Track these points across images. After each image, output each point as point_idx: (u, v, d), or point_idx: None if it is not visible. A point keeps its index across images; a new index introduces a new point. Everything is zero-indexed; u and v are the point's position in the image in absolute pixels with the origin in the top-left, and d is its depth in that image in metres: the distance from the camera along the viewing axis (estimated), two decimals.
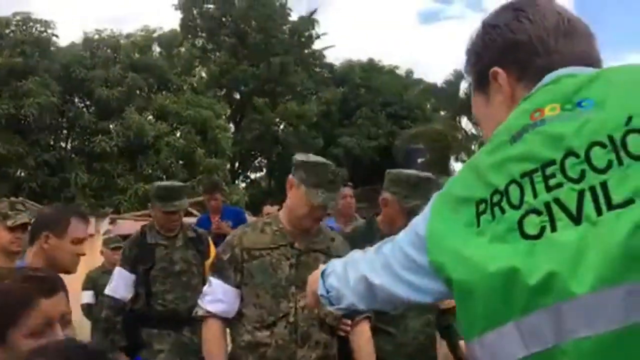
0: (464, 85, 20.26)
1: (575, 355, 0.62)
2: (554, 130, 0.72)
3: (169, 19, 45.23)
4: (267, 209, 6.00)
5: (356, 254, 1.09)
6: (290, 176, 1.96)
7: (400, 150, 19.46)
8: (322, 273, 1.12)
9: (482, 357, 0.73)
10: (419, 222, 0.87)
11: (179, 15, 23.04)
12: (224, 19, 23.19)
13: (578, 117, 0.71)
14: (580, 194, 0.66)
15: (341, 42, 46.91)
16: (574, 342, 0.62)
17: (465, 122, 21.50)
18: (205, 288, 2.03)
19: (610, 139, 0.67)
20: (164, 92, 18.95)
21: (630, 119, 0.67)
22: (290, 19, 23.87)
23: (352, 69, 24.93)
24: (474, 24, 0.92)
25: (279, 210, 2.38)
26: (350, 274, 1.03)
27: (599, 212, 0.64)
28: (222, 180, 15.51)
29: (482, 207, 0.75)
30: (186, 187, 3.33)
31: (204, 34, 23.53)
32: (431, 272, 0.82)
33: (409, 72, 26.60)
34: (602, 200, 0.64)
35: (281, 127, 22.85)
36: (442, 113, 24.07)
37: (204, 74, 22.77)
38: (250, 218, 6.71)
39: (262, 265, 1.93)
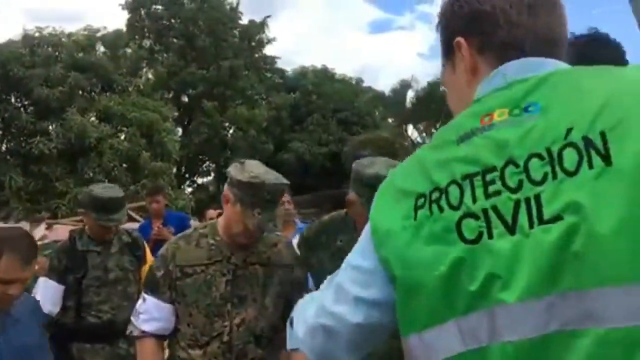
0: (410, 95, 20.72)
1: (501, 356, 0.67)
2: (499, 137, 0.72)
3: (116, 20, 43.90)
4: (211, 213, 5.87)
5: (308, 298, 1.01)
6: (226, 189, 1.86)
7: (349, 156, 19.62)
8: (290, 322, 1.01)
9: (418, 350, 0.76)
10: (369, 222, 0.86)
11: (126, 15, 22.44)
12: (172, 21, 22.73)
13: (524, 123, 0.72)
14: (517, 204, 0.68)
15: (293, 49, 46.95)
16: (501, 344, 0.67)
17: (411, 130, 21.98)
18: (138, 305, 1.92)
19: (548, 151, 0.68)
20: (108, 93, 18.32)
21: (569, 131, 0.67)
22: (241, 22, 23.68)
23: (304, 76, 24.99)
24: (423, 35, 0.91)
25: (218, 216, 2.27)
26: (299, 328, 0.95)
27: (531, 224, 0.66)
28: (167, 184, 15.14)
29: (420, 201, 0.76)
30: (124, 198, 3.10)
31: (151, 35, 22.97)
32: (381, 273, 0.80)
33: (359, 80, 26.95)
34: (535, 212, 0.66)
35: (230, 131, 22.58)
36: (390, 120, 24.51)
37: (150, 76, 22.21)
38: (195, 223, 6.56)
39: (196, 283, 1.84)
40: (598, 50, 1.36)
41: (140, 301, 1.92)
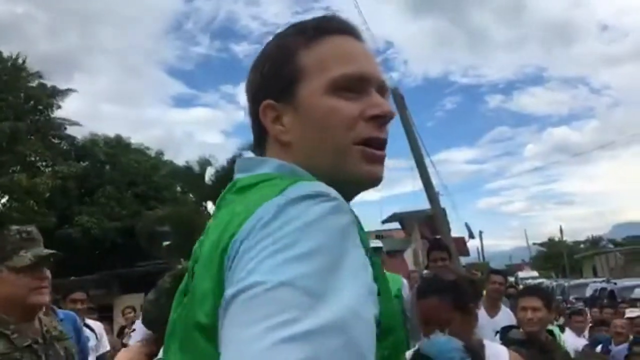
0: (209, 172, 20.80)
1: None
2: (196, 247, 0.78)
3: None
4: None
5: None
6: None
7: (143, 232, 18.56)
8: None
9: None
10: None
11: None
12: None
13: (203, 238, 0.75)
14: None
15: (85, 115, 44.05)
16: None
17: (211, 207, 21.86)
18: None
19: (192, 269, 0.72)
20: None
21: (192, 270, 0.72)
22: (31, 85, 21.36)
23: (96, 143, 23.37)
24: (227, 114, 0.89)
25: None
26: None
27: None
28: None
29: None
30: None
31: None
32: None
33: (160, 153, 26.20)
34: None
35: (3, 200, 19.65)
36: (191, 196, 24.06)
37: None
38: None
39: None
40: None
41: None
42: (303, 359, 0.48)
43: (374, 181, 0.79)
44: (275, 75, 0.80)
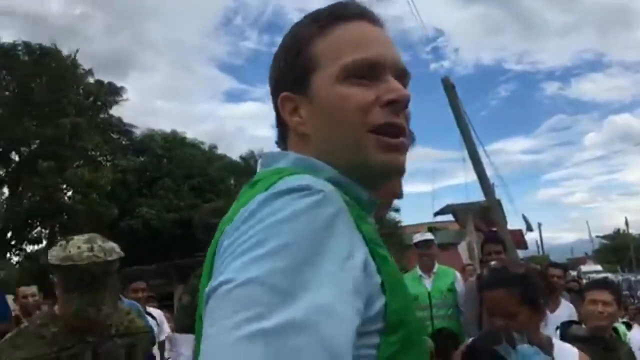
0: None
1: None
2: None
3: None
4: (23, 290, 5.01)
5: None
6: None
7: (200, 224, 19.07)
8: None
9: None
10: None
11: None
12: (4, 71, 20.67)
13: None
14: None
15: (141, 111, 45.66)
16: None
17: None
18: None
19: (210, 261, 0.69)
20: None
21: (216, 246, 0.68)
22: (89, 81, 22.33)
23: (153, 138, 24.19)
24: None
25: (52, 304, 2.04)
26: None
27: None
28: None
29: None
30: None
31: None
32: None
33: (213, 147, 26.84)
34: None
35: (68, 194, 20.67)
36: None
37: None
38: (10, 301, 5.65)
39: None
40: None
41: None
42: (262, 356, 0.49)
43: (393, 171, 0.76)
44: (291, 66, 0.79)
